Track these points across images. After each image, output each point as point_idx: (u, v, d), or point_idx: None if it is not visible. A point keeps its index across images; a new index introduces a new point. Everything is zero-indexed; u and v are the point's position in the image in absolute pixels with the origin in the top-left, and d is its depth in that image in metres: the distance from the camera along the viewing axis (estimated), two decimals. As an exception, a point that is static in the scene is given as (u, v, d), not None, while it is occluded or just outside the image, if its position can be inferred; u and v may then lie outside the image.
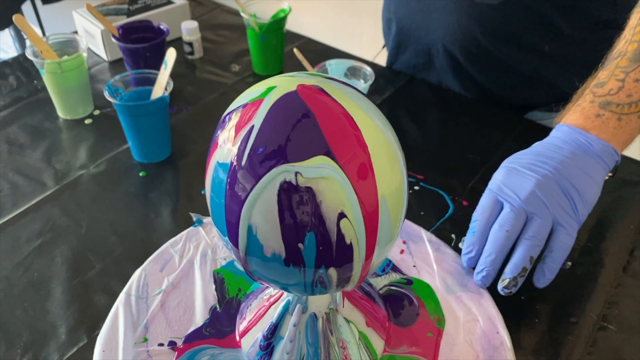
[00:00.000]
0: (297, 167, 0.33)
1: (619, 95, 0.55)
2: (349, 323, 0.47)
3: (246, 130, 0.35)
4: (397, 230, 0.39)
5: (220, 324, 0.52)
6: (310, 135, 0.34)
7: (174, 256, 0.57)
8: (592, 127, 0.55)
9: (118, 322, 0.51)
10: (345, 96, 0.36)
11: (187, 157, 0.72)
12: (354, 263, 0.37)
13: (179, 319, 0.52)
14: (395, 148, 0.37)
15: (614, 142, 0.55)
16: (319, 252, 0.35)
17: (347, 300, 0.48)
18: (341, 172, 0.33)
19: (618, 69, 0.56)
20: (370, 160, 0.35)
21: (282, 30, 0.86)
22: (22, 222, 0.62)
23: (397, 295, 0.54)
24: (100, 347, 0.49)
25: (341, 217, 0.34)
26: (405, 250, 0.58)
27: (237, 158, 0.35)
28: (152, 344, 0.50)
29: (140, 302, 0.53)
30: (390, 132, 0.37)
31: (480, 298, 0.53)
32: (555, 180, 0.53)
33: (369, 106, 0.37)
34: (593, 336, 0.51)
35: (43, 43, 0.74)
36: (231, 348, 0.50)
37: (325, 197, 0.34)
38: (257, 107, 0.35)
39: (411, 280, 0.56)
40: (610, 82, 0.56)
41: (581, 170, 0.53)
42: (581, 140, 0.55)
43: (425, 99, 0.83)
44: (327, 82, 0.37)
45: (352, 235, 0.35)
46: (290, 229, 0.34)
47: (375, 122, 0.36)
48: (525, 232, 0.52)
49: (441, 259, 0.57)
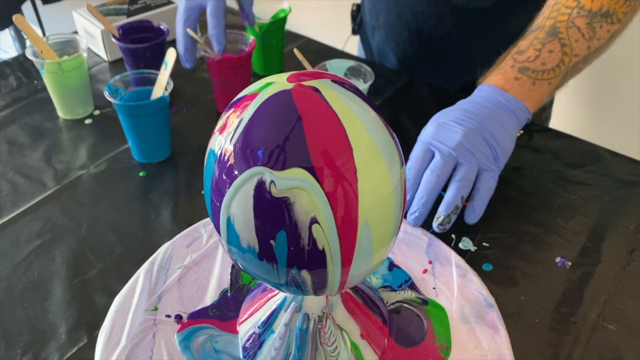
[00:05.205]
0: (274, 174, 0.33)
1: (535, 62, 0.63)
2: (341, 331, 0.46)
3: (235, 123, 0.35)
4: (383, 242, 0.37)
5: (226, 307, 0.53)
6: (293, 140, 0.33)
7: (203, 235, 0.59)
8: (511, 88, 0.63)
9: (136, 288, 0.54)
10: (344, 104, 0.35)
11: (187, 157, 0.72)
12: (328, 270, 0.36)
13: (191, 295, 0.54)
14: (390, 160, 0.36)
15: (528, 102, 0.63)
16: (290, 252, 0.35)
17: (343, 308, 0.47)
18: (317, 185, 0.33)
19: (536, 40, 0.64)
20: (355, 175, 0.34)
21: (282, 30, 0.86)
22: (22, 222, 0.62)
23: (406, 313, 0.52)
24: (114, 308, 0.52)
25: (313, 222, 0.34)
26: (429, 270, 0.56)
27: (224, 149, 0.35)
28: (161, 313, 0.52)
29: (161, 272, 0.55)
30: (386, 143, 0.36)
31: (495, 334, 0.50)
32: (479, 132, 0.60)
33: (367, 116, 0.36)
34: (593, 336, 0.51)
35: (43, 43, 0.74)
36: (230, 332, 0.51)
37: (297, 200, 0.33)
38: (250, 101, 0.36)
39: (427, 301, 0.53)
40: (529, 50, 0.64)
41: (500, 124, 0.61)
42: (500, 99, 0.63)
43: (425, 99, 0.83)
44: (328, 84, 0.36)
45: (325, 242, 0.34)
46: (263, 225, 0.34)
47: (370, 134, 0.35)
48: (455, 176, 0.59)
49: (464, 286, 0.54)
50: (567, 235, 0.61)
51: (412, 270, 0.56)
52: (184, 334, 0.50)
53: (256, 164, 0.33)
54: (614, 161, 0.71)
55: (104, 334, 0.50)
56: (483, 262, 0.58)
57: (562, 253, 0.59)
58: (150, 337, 0.50)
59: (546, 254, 0.59)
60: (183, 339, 0.50)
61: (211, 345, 0.50)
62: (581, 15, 0.63)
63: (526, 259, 0.58)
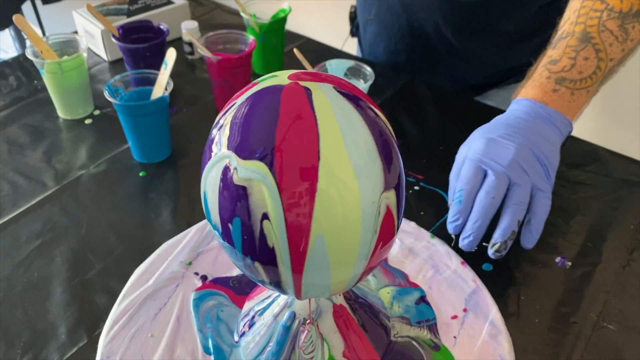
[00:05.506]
0: (239, 162, 0.34)
1: (572, 72, 0.61)
2: (323, 342, 0.45)
3: (229, 105, 0.37)
4: (344, 262, 0.36)
5: (246, 284, 0.54)
6: (264, 135, 0.33)
7: None
8: (550, 101, 0.60)
9: (183, 241, 0.58)
10: (330, 111, 0.34)
11: (187, 157, 0.72)
12: (280, 270, 0.36)
13: (224, 263, 0.56)
14: (366, 182, 0.34)
15: (569, 114, 0.61)
16: (244, 240, 0.35)
17: (332, 319, 0.45)
18: (273, 183, 0.33)
19: (569, 47, 0.61)
20: (315, 184, 0.33)
21: (282, 30, 0.86)
22: (22, 222, 0.62)
23: (411, 350, 0.49)
24: (159, 251, 0.57)
25: (265, 218, 0.34)
26: (460, 317, 0.52)
27: (217, 125, 0.37)
28: (192, 269, 0.56)
29: (210, 233, 0.59)
30: (369, 164, 0.34)
31: None
32: (530, 148, 0.57)
33: (353, 131, 0.34)
34: (593, 336, 0.51)
35: (43, 43, 0.74)
36: (237, 306, 0.52)
37: (253, 192, 0.34)
38: (248, 89, 0.37)
39: (439, 347, 0.49)
40: (563, 60, 0.61)
41: (546, 139, 0.58)
42: (541, 113, 0.60)
43: (425, 99, 0.83)
44: (324, 88, 0.35)
45: (274, 240, 0.34)
46: (224, 208, 0.35)
47: (349, 150, 0.33)
48: (510, 199, 0.55)
49: (489, 346, 0.49)
50: (567, 235, 0.61)
51: (442, 312, 0.52)
52: (200, 294, 0.53)
53: (229, 148, 0.35)
54: (614, 161, 0.71)
55: (141, 269, 0.55)
56: (483, 262, 0.58)
57: (562, 253, 0.59)
58: (173, 287, 0.54)
59: (546, 254, 0.59)
60: (197, 299, 0.52)
61: (217, 312, 0.52)
62: (612, 18, 0.60)
63: (526, 259, 0.58)
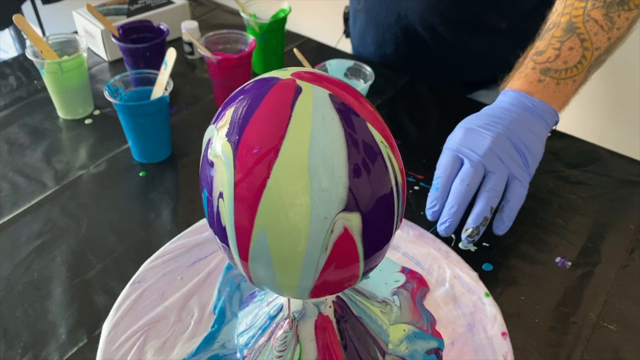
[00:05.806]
0: (217, 138, 0.36)
1: (557, 62, 0.61)
2: (297, 344, 0.44)
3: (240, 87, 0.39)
4: (287, 265, 0.36)
5: None
6: (242, 119, 0.35)
7: None
8: (535, 91, 0.61)
9: None
10: (308, 116, 0.34)
11: (187, 157, 0.72)
12: (232, 250, 0.37)
13: None
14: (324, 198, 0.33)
15: (554, 104, 0.61)
16: (209, 212, 0.37)
17: (312, 328, 0.44)
18: (232, 167, 0.34)
19: (554, 38, 0.62)
20: (266, 179, 0.33)
21: (282, 30, 0.86)
22: (22, 222, 0.62)
23: None
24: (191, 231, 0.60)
25: (220, 196, 0.35)
26: None
27: None
28: None
29: None
30: (332, 183, 0.33)
31: None
32: (508, 138, 0.58)
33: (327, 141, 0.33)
34: (593, 336, 0.51)
35: (43, 43, 0.74)
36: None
37: (217, 170, 0.35)
38: (257, 79, 0.38)
39: None
40: (548, 50, 0.62)
41: (528, 129, 0.59)
42: (526, 103, 0.61)
43: (425, 99, 0.83)
44: (316, 92, 0.35)
45: (226, 221, 0.35)
46: (202, 176, 0.38)
47: (313, 161, 0.33)
48: (485, 185, 0.57)
49: None
50: (567, 235, 0.61)
51: None
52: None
53: (216, 122, 0.37)
54: (614, 161, 0.71)
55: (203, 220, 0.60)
56: (483, 262, 0.58)
57: (562, 253, 0.59)
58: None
59: (546, 254, 0.59)
60: (230, 265, 0.56)
61: (240, 281, 0.54)
62: (596, 7, 0.61)
63: (526, 259, 0.58)
